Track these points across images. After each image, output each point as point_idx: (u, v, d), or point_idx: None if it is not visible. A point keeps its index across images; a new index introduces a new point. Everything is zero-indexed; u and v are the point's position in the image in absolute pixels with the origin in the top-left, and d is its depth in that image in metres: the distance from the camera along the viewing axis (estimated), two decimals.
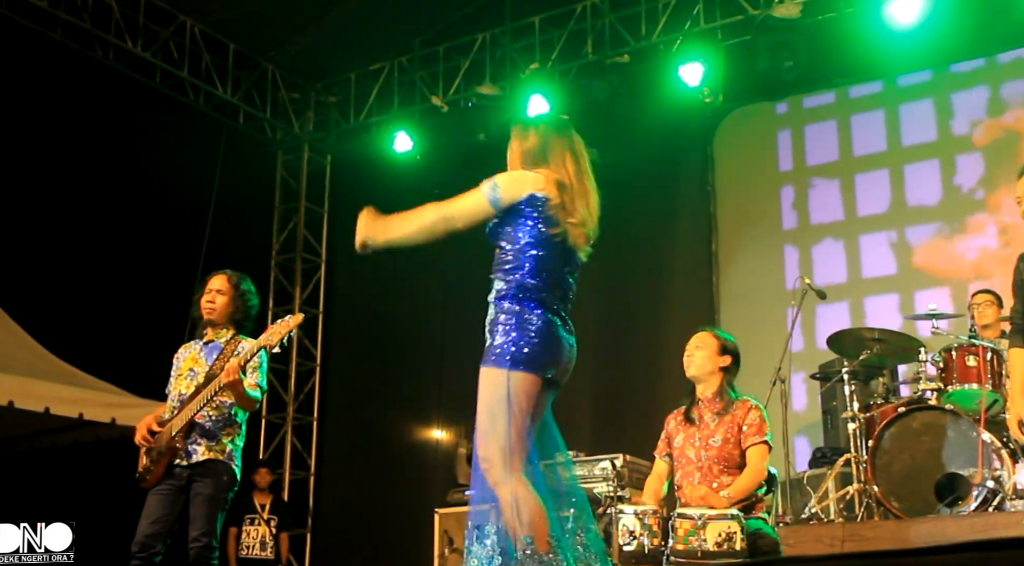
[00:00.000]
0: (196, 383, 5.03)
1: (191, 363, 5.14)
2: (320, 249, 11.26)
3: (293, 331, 4.82)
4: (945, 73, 8.83)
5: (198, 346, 5.20)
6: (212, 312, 5.14)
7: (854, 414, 6.28)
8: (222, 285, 5.20)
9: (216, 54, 10.09)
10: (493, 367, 3.50)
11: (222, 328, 5.17)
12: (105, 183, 9.09)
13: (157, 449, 5.00)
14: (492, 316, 3.60)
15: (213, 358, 5.07)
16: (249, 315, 5.25)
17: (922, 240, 8.64)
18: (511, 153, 3.86)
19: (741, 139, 9.61)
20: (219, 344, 5.12)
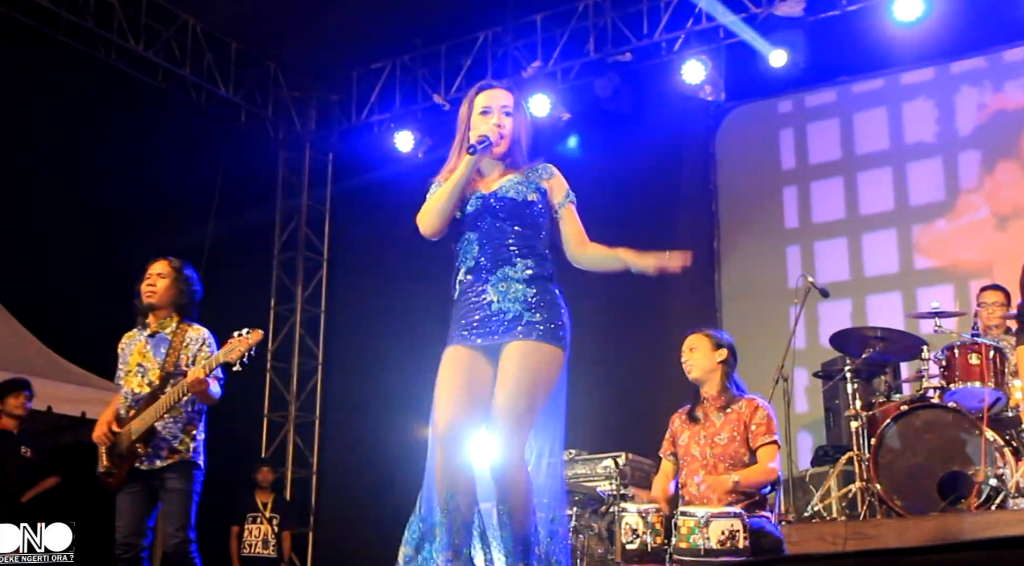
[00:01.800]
0: (148, 381, 4.98)
1: (138, 358, 5.07)
2: (322, 247, 11.27)
3: (253, 349, 4.76)
4: (947, 70, 8.82)
5: (142, 337, 5.12)
6: (152, 295, 5.08)
7: (856, 412, 6.28)
8: (163, 269, 5.14)
9: (218, 53, 10.09)
10: (550, 344, 3.60)
11: (165, 316, 5.09)
12: (107, 181, 9.08)
13: (117, 452, 4.97)
14: (531, 293, 3.64)
15: (162, 354, 5.00)
16: (193, 301, 5.17)
17: (924, 238, 8.63)
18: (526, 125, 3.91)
19: (743, 137, 9.60)
20: (165, 336, 5.06)
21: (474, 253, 3.73)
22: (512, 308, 3.62)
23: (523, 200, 3.73)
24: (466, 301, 3.72)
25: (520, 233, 3.71)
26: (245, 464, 9.53)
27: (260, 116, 10.79)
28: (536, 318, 3.61)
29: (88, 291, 8.80)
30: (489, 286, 3.67)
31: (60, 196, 8.81)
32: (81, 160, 8.93)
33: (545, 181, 3.81)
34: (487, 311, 3.65)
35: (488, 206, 3.73)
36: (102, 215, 9.02)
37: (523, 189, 3.75)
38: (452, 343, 3.72)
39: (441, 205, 3.73)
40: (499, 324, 3.62)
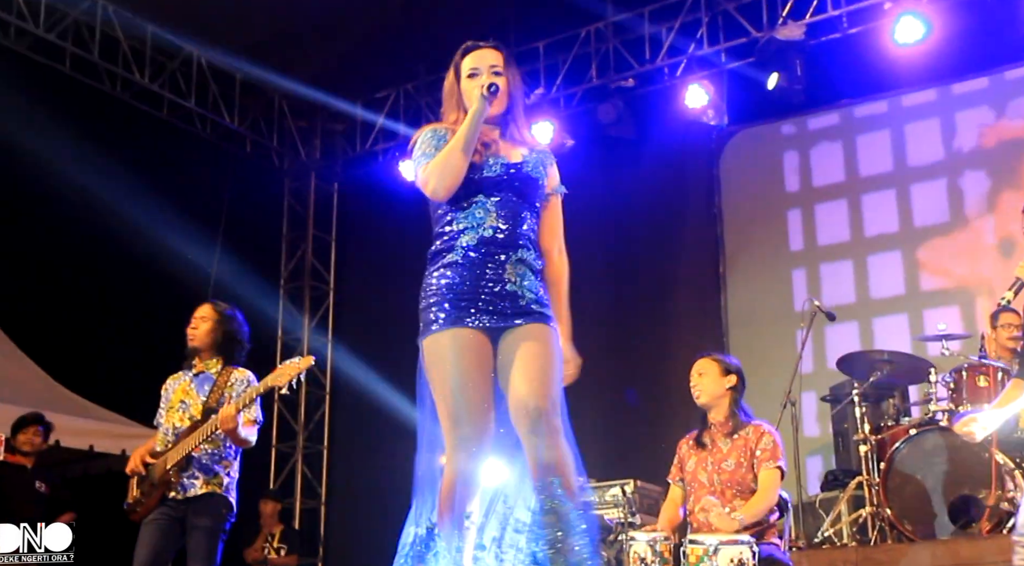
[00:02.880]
0: (190, 416, 5.01)
1: (181, 395, 5.11)
2: (328, 276, 11.28)
3: (303, 374, 4.79)
4: (949, 91, 8.83)
5: (187, 377, 5.17)
6: (194, 339, 5.13)
7: (865, 436, 6.26)
8: (206, 312, 5.18)
9: (223, 84, 10.15)
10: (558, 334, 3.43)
11: (209, 357, 5.14)
12: (113, 214, 9.11)
13: (150, 481, 4.99)
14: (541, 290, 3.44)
15: (206, 390, 5.04)
16: (237, 343, 5.20)
17: (930, 259, 8.62)
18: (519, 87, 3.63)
19: (747, 160, 9.61)
20: (210, 375, 5.10)
21: (490, 221, 3.39)
22: (527, 296, 3.37)
23: (539, 181, 3.52)
24: (470, 273, 3.37)
25: (531, 215, 3.48)
26: (254, 495, 9.50)
27: (265, 146, 10.84)
28: (545, 311, 3.39)
29: (95, 323, 8.84)
30: (508, 264, 3.37)
31: (65, 228, 8.85)
32: (86, 192, 8.95)
33: (550, 166, 3.60)
34: (502, 289, 3.35)
35: (511, 177, 3.45)
36: (107, 247, 9.05)
37: (540, 170, 3.53)
38: (456, 324, 3.34)
39: (455, 158, 3.34)
40: (512, 307, 3.33)
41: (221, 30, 9.66)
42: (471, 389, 3.29)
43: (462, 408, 3.30)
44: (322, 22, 9.79)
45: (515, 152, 3.53)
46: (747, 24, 8.83)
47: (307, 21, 9.74)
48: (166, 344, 8.39)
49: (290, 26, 9.79)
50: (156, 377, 6.07)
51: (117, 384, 8.72)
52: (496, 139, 3.52)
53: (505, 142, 3.54)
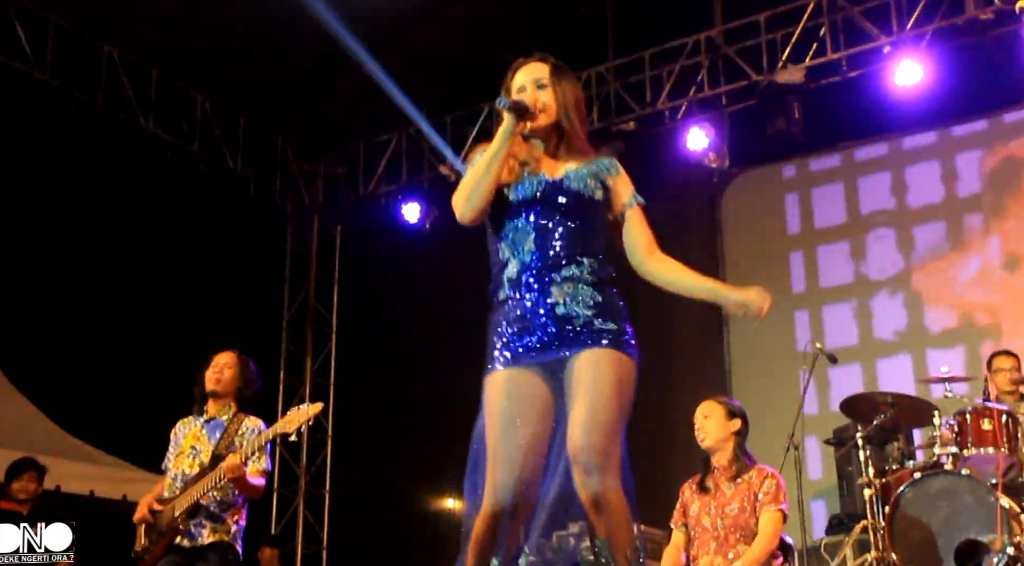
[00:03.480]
0: (199, 462, 5.00)
1: (192, 440, 5.11)
2: (331, 319, 11.27)
3: (311, 420, 4.80)
4: (949, 133, 8.87)
5: (198, 423, 5.17)
6: (218, 384, 5.13)
7: (870, 480, 6.21)
8: (230, 359, 5.22)
9: (227, 128, 10.21)
10: (625, 354, 3.11)
11: (224, 404, 5.15)
12: (116, 257, 9.16)
13: (158, 529, 4.97)
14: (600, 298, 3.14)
15: (216, 437, 5.04)
16: (253, 395, 5.24)
17: (932, 301, 8.62)
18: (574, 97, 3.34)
19: (748, 203, 9.64)
20: (222, 422, 5.10)
21: (529, 245, 3.17)
22: (581, 313, 3.09)
23: (590, 197, 3.22)
24: (518, 304, 3.15)
25: (581, 229, 3.19)
26: (255, 540, 9.45)
27: (268, 189, 10.88)
28: (609, 326, 3.10)
29: (96, 367, 8.83)
30: (553, 286, 3.12)
31: (68, 271, 8.87)
32: (90, 236, 9.00)
33: (611, 177, 3.29)
34: (550, 316, 3.10)
35: (550, 194, 3.20)
36: (110, 289, 9.08)
37: (591, 184, 3.23)
38: (503, 364, 3.14)
39: (480, 177, 3.15)
40: (566, 333, 3.09)
41: (225, 74, 9.76)
42: (512, 433, 3.08)
43: (501, 452, 3.09)
44: (325, 65, 9.88)
45: (561, 167, 3.27)
46: (747, 67, 8.89)
47: (310, 64, 9.84)
48: (168, 387, 8.41)
49: (293, 70, 9.88)
50: (158, 421, 6.06)
51: (119, 428, 8.69)
52: (539, 156, 3.30)
53: (551, 158, 3.31)
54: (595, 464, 2.94)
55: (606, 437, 2.96)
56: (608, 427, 2.97)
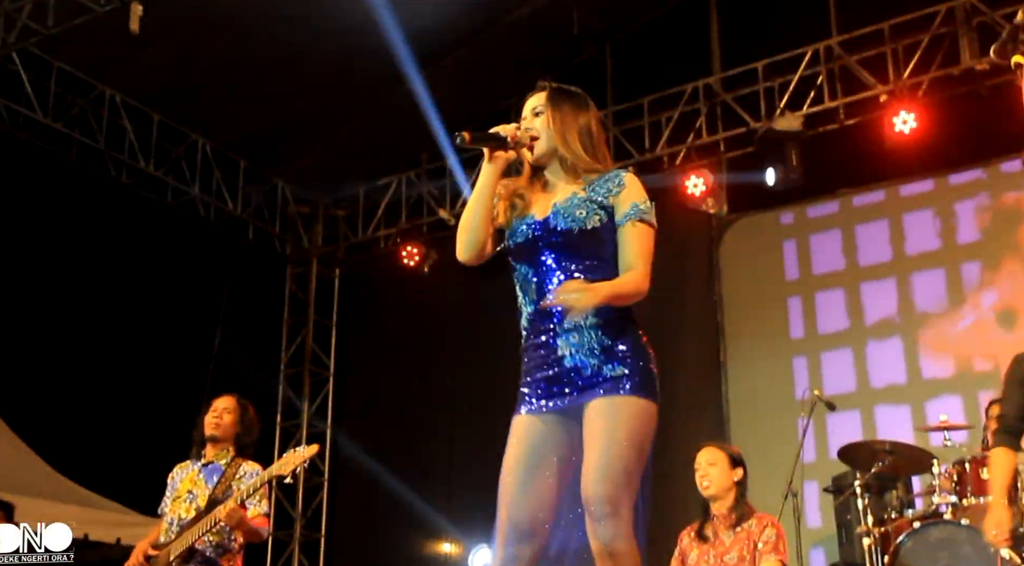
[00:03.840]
0: (196, 507, 4.98)
1: (189, 485, 5.09)
2: (328, 362, 11.25)
3: (307, 463, 4.79)
4: (946, 182, 8.91)
5: (196, 467, 5.16)
6: (218, 428, 5.14)
7: (869, 528, 6.17)
8: (229, 404, 5.24)
9: (227, 171, 10.26)
10: (640, 397, 3.01)
11: (223, 448, 5.15)
12: (114, 299, 9.16)
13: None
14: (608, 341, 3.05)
15: (214, 481, 5.03)
16: (253, 442, 5.25)
17: (931, 348, 8.61)
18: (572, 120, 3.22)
19: (746, 248, 9.66)
20: (219, 466, 5.09)
21: (532, 294, 3.11)
22: (589, 362, 3.02)
23: (581, 229, 3.09)
24: (534, 355, 3.11)
25: (580, 268, 3.08)
26: None
27: (267, 232, 10.91)
28: (619, 371, 3.02)
29: (92, 409, 8.80)
30: (559, 339, 3.05)
31: (65, 313, 8.87)
32: (88, 279, 9.01)
33: (613, 196, 3.14)
34: (559, 369, 3.05)
35: (541, 237, 3.11)
36: (107, 332, 9.07)
37: (582, 214, 3.10)
38: (520, 410, 3.12)
39: (465, 221, 3.14)
40: (576, 383, 3.03)
41: (225, 117, 9.82)
42: (517, 474, 3.05)
43: (506, 494, 3.05)
44: (325, 109, 9.94)
45: (551, 201, 3.18)
46: (745, 115, 8.96)
47: (311, 108, 9.91)
48: (164, 430, 8.38)
49: (293, 113, 9.95)
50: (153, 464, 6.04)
51: (114, 471, 8.65)
52: (533, 192, 3.24)
53: (545, 192, 3.23)
54: (604, 513, 2.89)
55: (616, 486, 2.90)
56: (619, 476, 2.91)
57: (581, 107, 3.26)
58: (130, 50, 8.66)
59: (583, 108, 3.26)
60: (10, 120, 8.66)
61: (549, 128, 3.20)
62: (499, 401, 9.38)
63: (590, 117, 3.26)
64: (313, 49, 9.22)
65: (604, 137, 3.34)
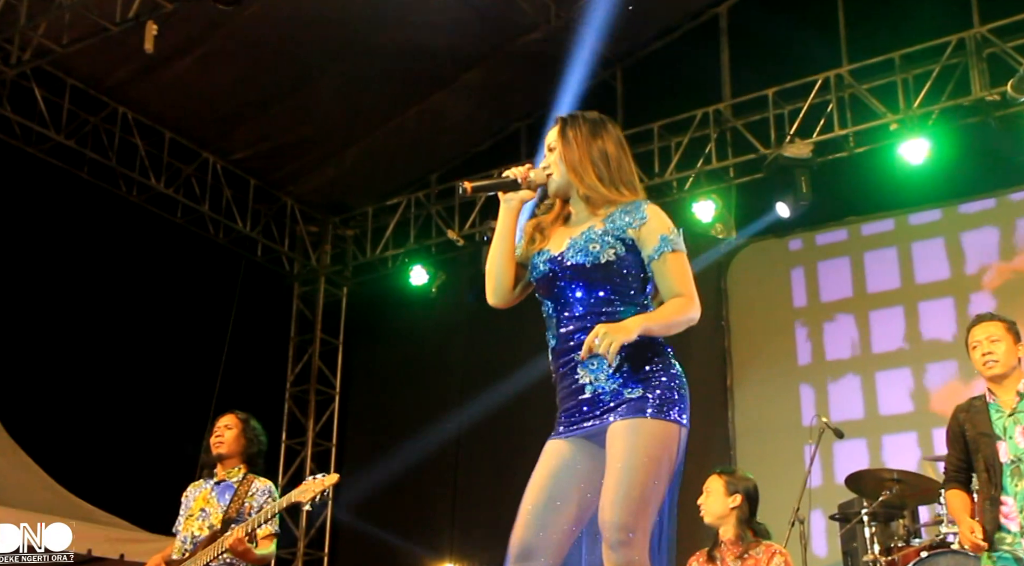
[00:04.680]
0: (209, 525, 4.99)
1: (202, 503, 5.10)
2: (334, 381, 11.26)
3: (327, 491, 4.78)
4: (955, 211, 8.92)
5: (208, 485, 5.17)
6: (221, 446, 5.16)
7: (875, 557, 6.15)
8: (230, 421, 5.25)
9: (236, 189, 10.30)
10: (661, 419, 2.96)
11: (232, 466, 5.15)
12: (122, 316, 9.18)
13: None
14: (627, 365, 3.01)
15: (227, 500, 5.03)
16: (260, 452, 5.26)
17: (939, 378, 8.59)
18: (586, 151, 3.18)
19: (754, 274, 9.66)
20: (231, 484, 5.10)
21: (553, 328, 3.12)
22: (608, 388, 3.01)
23: (595, 264, 3.06)
24: (561, 385, 3.13)
25: (604, 298, 3.07)
26: None
27: (276, 251, 10.94)
28: (637, 393, 2.99)
29: (98, 426, 8.80)
30: (580, 368, 3.05)
31: (73, 331, 8.89)
32: (98, 294, 9.04)
33: (633, 229, 3.08)
34: (581, 396, 3.05)
35: (557, 272, 3.10)
36: (115, 349, 9.08)
37: (597, 248, 3.06)
38: (555, 434, 3.13)
39: (489, 266, 3.19)
40: (597, 408, 3.02)
41: (236, 136, 9.87)
42: (531, 496, 3.05)
43: (522, 516, 3.04)
44: (335, 129, 9.99)
45: (568, 236, 3.15)
46: (755, 141, 8.98)
47: (321, 128, 9.96)
48: (170, 447, 8.40)
49: (303, 133, 10.00)
50: (159, 481, 6.04)
51: (120, 488, 8.65)
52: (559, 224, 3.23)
53: (566, 225, 3.21)
54: (619, 540, 2.86)
55: (631, 514, 2.87)
56: (634, 503, 2.88)
57: (596, 134, 3.20)
58: (143, 69, 8.73)
59: (598, 134, 3.21)
60: (23, 137, 8.71)
61: (561, 161, 3.19)
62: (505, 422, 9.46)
63: (606, 142, 3.20)
64: (324, 69, 9.28)
65: (626, 155, 3.24)
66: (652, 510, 2.92)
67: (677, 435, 2.99)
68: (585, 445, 3.07)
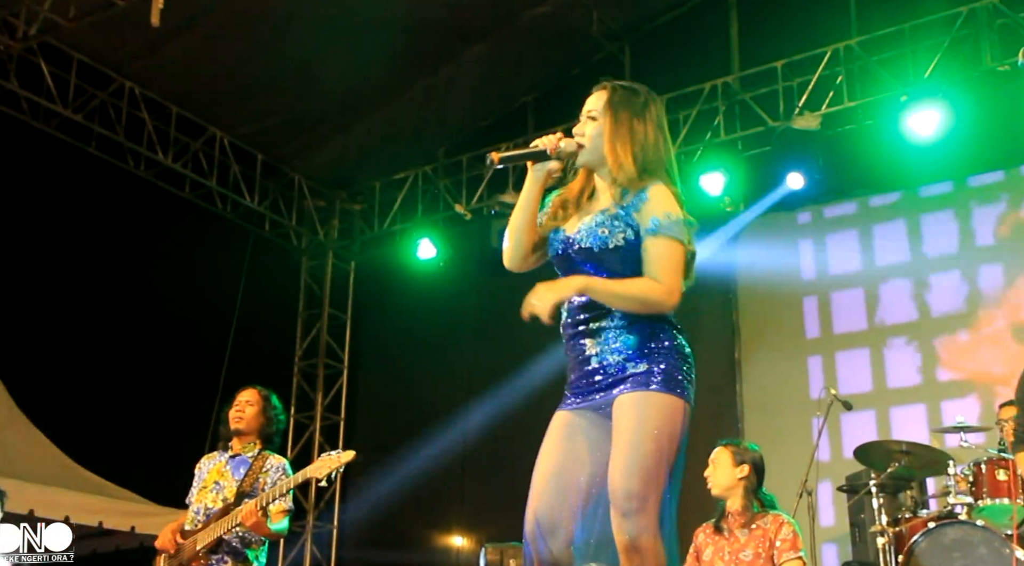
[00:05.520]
0: (223, 498, 5.00)
1: (216, 476, 5.11)
2: (343, 355, 11.28)
3: (343, 467, 4.78)
4: (965, 185, 8.88)
5: (223, 458, 5.18)
6: (240, 421, 5.15)
7: (883, 528, 6.17)
8: (252, 397, 5.23)
9: (244, 164, 10.29)
10: (667, 393, 3.01)
11: (249, 441, 5.16)
12: (133, 291, 9.21)
13: (179, 560, 4.97)
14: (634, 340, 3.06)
15: (241, 474, 5.05)
16: (278, 431, 5.26)
17: (947, 350, 8.59)
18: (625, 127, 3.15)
19: (763, 248, 9.64)
20: (246, 459, 5.11)
21: (566, 302, 3.15)
22: (614, 361, 3.07)
23: (603, 248, 3.09)
24: (570, 356, 3.19)
25: (614, 276, 3.08)
26: None
27: (284, 225, 10.94)
28: (642, 368, 3.04)
29: (109, 400, 8.85)
30: (587, 339, 3.11)
31: (85, 305, 8.92)
32: (107, 270, 9.06)
33: (636, 212, 3.08)
34: (588, 367, 3.11)
35: (568, 253, 3.16)
36: (126, 324, 9.12)
37: (605, 233, 3.09)
38: (564, 406, 3.18)
39: (509, 232, 3.22)
40: (603, 381, 3.08)
41: (243, 111, 9.85)
42: (537, 474, 3.11)
43: (535, 488, 3.10)
44: (343, 104, 9.97)
45: (585, 216, 3.17)
46: (763, 114, 8.94)
47: (328, 103, 9.93)
48: (179, 421, 8.45)
49: (311, 108, 9.98)
50: (168, 454, 6.07)
51: (130, 461, 8.71)
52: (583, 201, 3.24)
53: (588, 202, 3.23)
54: (631, 508, 2.90)
55: (643, 481, 2.91)
56: (645, 471, 2.92)
57: (641, 114, 3.18)
58: (150, 44, 8.70)
59: (642, 115, 3.18)
60: (31, 112, 8.71)
61: (601, 137, 3.16)
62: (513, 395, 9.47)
63: (648, 124, 3.19)
64: (332, 44, 9.25)
65: (664, 139, 3.25)
66: (662, 481, 2.96)
67: (683, 411, 3.03)
68: (592, 416, 3.12)
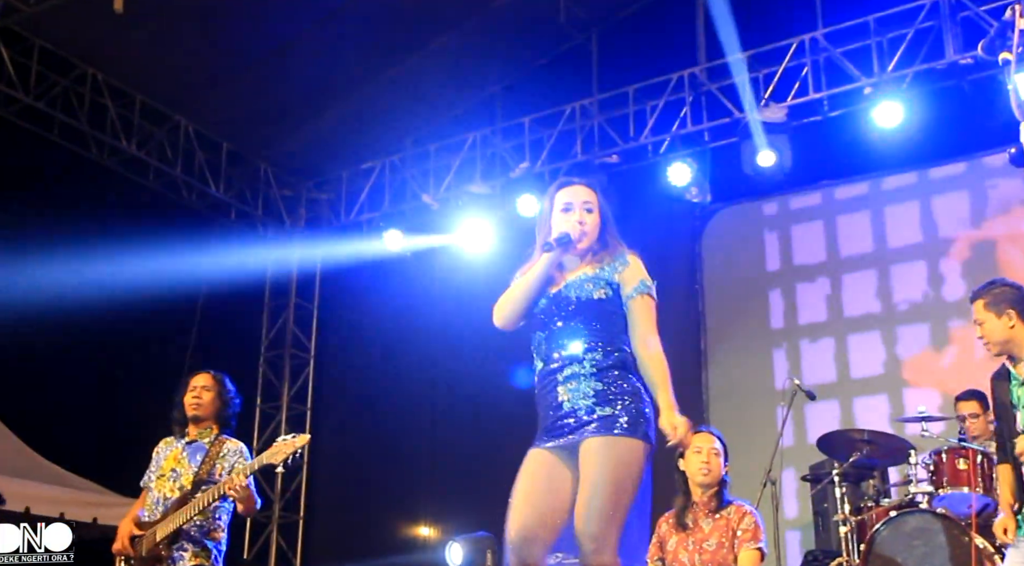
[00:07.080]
0: (180, 486, 4.97)
1: (173, 463, 5.08)
2: (309, 345, 11.24)
3: (299, 452, 4.78)
4: (928, 175, 8.96)
5: (179, 444, 5.15)
6: (199, 408, 5.12)
7: (845, 517, 6.22)
8: (207, 381, 5.21)
9: (210, 152, 10.20)
10: (628, 437, 3.42)
11: (206, 427, 5.13)
12: (94, 278, 9.10)
13: (139, 553, 4.93)
14: (600, 386, 3.49)
15: (198, 461, 5.02)
16: (234, 413, 5.24)
17: (910, 340, 8.67)
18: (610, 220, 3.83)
19: (729, 238, 9.70)
20: (203, 445, 5.08)
21: (543, 352, 3.63)
22: (582, 404, 3.49)
23: (587, 299, 3.61)
24: (542, 401, 3.61)
25: (592, 328, 3.58)
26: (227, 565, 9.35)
27: (250, 215, 10.86)
28: (607, 412, 3.45)
29: (70, 389, 8.76)
30: (560, 386, 3.55)
31: (42, 293, 8.80)
32: (69, 258, 8.95)
33: (618, 274, 3.67)
34: (560, 412, 3.53)
35: (554, 306, 3.65)
36: (86, 312, 9.01)
37: (590, 287, 3.63)
38: (536, 444, 3.61)
39: (516, 300, 3.68)
40: (572, 424, 3.50)
41: (209, 99, 9.77)
42: (519, 495, 3.50)
43: (511, 512, 3.49)
44: (310, 93, 9.91)
45: (569, 276, 3.69)
46: (730, 105, 8.97)
47: (295, 92, 9.87)
48: (143, 411, 8.36)
49: (278, 96, 9.91)
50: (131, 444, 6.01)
51: (91, 450, 8.63)
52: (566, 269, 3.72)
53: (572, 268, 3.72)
54: (591, 549, 3.32)
55: (601, 526, 3.32)
56: (603, 513, 3.33)
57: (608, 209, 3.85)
58: (114, 30, 8.60)
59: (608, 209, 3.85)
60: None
61: (598, 227, 3.75)
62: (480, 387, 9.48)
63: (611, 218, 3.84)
64: (299, 33, 9.18)
65: None
66: (621, 517, 3.37)
67: (644, 451, 3.46)
68: (562, 455, 3.53)
